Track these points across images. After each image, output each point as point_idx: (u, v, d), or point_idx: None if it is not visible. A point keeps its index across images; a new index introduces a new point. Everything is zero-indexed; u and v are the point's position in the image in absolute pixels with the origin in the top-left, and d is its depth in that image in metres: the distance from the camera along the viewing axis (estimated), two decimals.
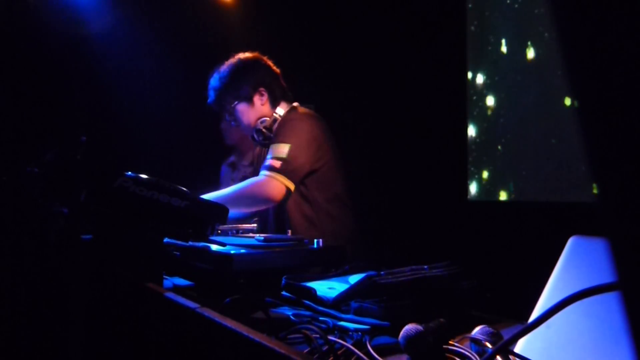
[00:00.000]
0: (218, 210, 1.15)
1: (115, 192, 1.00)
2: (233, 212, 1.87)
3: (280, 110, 2.09)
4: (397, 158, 3.32)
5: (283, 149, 1.92)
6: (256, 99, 2.09)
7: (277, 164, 1.90)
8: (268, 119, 2.07)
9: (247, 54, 2.14)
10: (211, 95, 2.13)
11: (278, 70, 2.15)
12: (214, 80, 2.12)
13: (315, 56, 3.43)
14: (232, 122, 2.16)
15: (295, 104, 2.14)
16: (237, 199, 1.89)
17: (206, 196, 1.92)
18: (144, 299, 0.90)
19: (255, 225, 1.71)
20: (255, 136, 2.10)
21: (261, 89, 2.09)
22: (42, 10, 2.94)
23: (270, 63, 2.14)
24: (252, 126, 2.10)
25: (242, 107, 2.09)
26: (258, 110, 2.09)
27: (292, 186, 1.91)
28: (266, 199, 1.90)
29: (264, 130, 2.06)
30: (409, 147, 3.31)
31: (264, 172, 1.91)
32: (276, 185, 1.88)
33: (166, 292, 0.85)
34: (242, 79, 2.08)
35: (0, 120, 2.76)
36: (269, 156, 1.94)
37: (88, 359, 1.07)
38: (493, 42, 3.16)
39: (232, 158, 2.91)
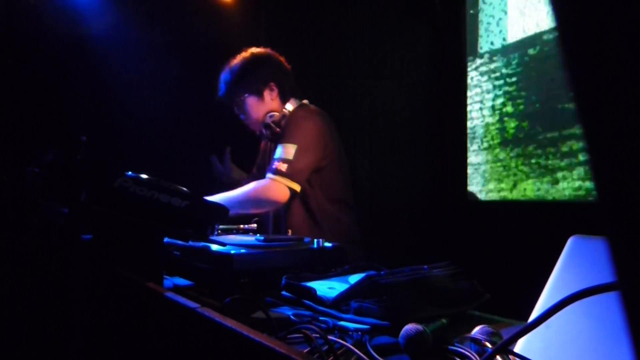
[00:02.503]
0: (218, 210, 1.15)
1: (115, 192, 1.00)
2: (238, 212, 1.90)
3: (290, 106, 2.09)
4: (397, 158, 3.32)
5: (290, 150, 1.92)
6: (266, 93, 2.09)
7: (284, 167, 1.90)
8: (277, 114, 2.07)
9: (260, 49, 2.16)
10: (222, 88, 2.14)
11: (289, 67, 2.16)
12: (225, 74, 2.14)
13: (314, 55, 3.43)
14: (241, 116, 2.17)
15: (305, 101, 2.15)
16: (243, 202, 1.91)
17: (213, 198, 1.94)
18: (144, 299, 0.90)
19: (255, 225, 1.71)
20: (264, 131, 2.11)
21: (272, 83, 2.10)
22: (42, 10, 2.94)
23: (282, 59, 2.15)
24: (260, 120, 2.10)
25: (251, 101, 2.10)
26: (267, 104, 2.10)
27: (297, 187, 1.92)
28: (272, 203, 1.92)
29: (272, 125, 2.06)
30: (409, 147, 3.31)
31: (269, 175, 1.92)
32: (281, 188, 1.89)
33: (166, 292, 0.85)
34: (253, 73, 2.09)
35: (0, 120, 2.76)
36: (275, 156, 1.94)
37: (88, 359, 1.07)
38: (493, 42, 3.16)
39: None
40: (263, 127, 2.10)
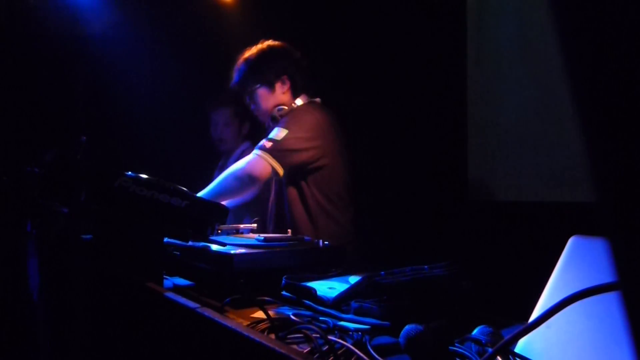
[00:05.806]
0: (218, 210, 1.15)
1: (115, 192, 1.00)
2: (229, 199, 1.90)
3: (299, 102, 2.12)
4: (397, 157, 3.32)
5: (280, 133, 1.94)
6: (278, 86, 2.12)
7: (269, 144, 1.91)
8: (285, 107, 2.09)
9: (277, 42, 2.18)
10: (235, 77, 2.17)
11: (306, 64, 2.18)
12: (240, 63, 2.16)
13: (315, 55, 3.43)
14: (252, 106, 2.18)
15: (317, 99, 2.17)
16: (225, 182, 1.91)
17: (200, 193, 1.94)
18: (144, 299, 0.90)
19: (255, 225, 1.71)
20: (270, 122, 2.13)
21: (284, 77, 2.12)
22: (42, 10, 2.94)
23: (299, 54, 2.18)
24: (269, 112, 2.12)
25: (262, 92, 2.12)
26: (278, 97, 2.12)
27: (279, 169, 1.90)
28: (251, 176, 1.89)
29: (278, 117, 2.08)
30: (409, 147, 3.31)
31: (254, 151, 1.94)
32: (261, 163, 1.89)
33: (166, 292, 0.85)
34: (268, 65, 2.12)
35: (0, 120, 2.76)
36: (266, 137, 1.96)
37: (89, 359, 1.07)
38: (494, 41, 3.16)
39: (221, 162, 2.92)
40: (270, 119, 2.12)
